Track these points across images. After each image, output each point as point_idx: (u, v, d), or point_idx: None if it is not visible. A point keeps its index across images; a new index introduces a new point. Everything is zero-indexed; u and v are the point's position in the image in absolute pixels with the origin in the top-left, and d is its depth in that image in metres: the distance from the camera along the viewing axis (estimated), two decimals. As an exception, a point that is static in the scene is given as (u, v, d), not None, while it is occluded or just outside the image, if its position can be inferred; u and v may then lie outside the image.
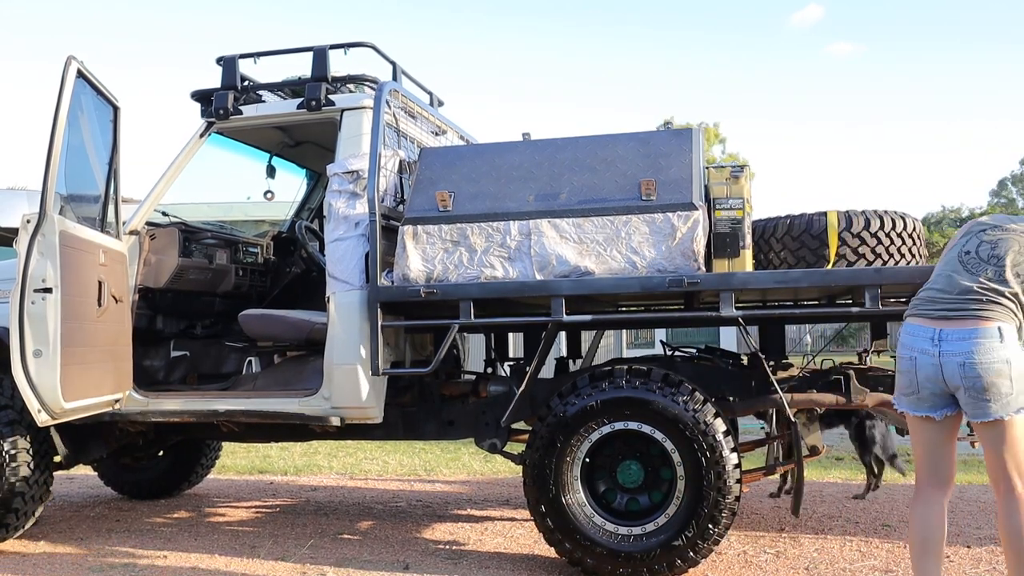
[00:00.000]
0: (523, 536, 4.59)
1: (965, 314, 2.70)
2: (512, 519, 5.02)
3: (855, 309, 3.76)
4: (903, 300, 4.17)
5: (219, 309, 5.23)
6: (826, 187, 70.37)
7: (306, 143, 5.31)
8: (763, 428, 4.96)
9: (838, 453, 7.20)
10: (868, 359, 4.43)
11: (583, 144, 3.97)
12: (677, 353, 4.44)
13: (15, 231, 3.92)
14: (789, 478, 5.14)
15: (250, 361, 4.85)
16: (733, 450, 3.63)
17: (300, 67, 4.74)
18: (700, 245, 3.61)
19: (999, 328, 2.66)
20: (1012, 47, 69.22)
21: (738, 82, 67.40)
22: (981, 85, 72.67)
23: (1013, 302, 2.71)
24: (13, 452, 4.21)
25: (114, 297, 4.19)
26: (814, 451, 4.04)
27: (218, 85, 4.43)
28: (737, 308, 3.64)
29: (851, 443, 5.17)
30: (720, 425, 3.63)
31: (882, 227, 3.77)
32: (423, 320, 4.07)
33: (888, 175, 74.08)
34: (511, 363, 4.99)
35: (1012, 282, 2.72)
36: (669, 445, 3.65)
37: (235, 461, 7.44)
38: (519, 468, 3.97)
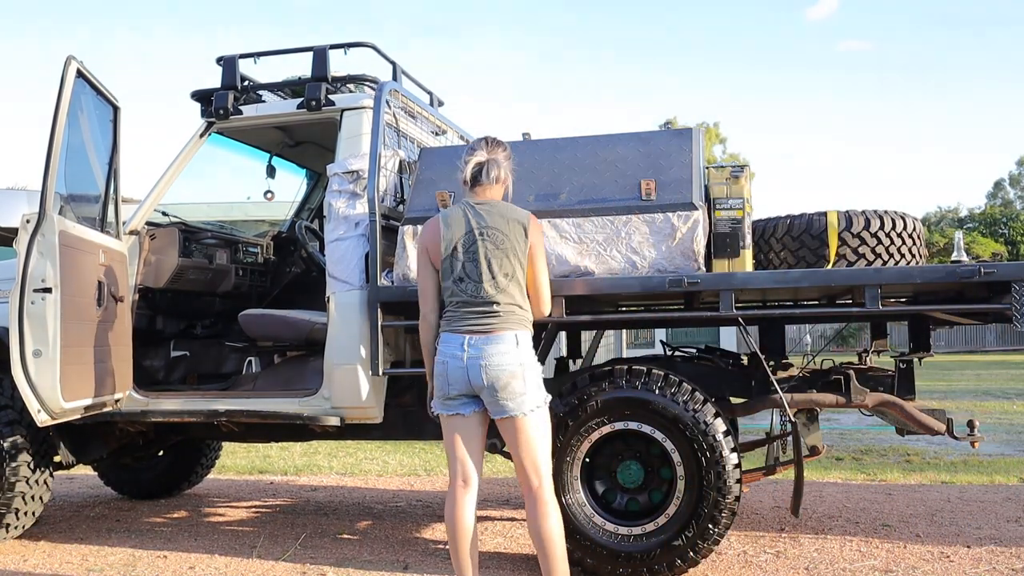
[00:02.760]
0: (523, 536, 4.59)
1: (488, 326, 3.00)
2: (512, 519, 5.03)
3: (855, 309, 3.77)
4: (903, 300, 4.19)
5: (219, 309, 5.23)
6: (826, 187, 70.42)
7: (306, 143, 5.31)
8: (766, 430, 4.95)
9: (838, 453, 7.20)
10: (868, 359, 4.43)
11: (583, 144, 3.97)
12: (677, 353, 4.44)
13: (15, 231, 3.92)
14: None
15: (250, 361, 4.86)
16: (733, 450, 3.64)
17: (300, 67, 4.74)
18: (700, 245, 3.61)
19: (516, 335, 3.00)
20: (1012, 47, 69.27)
21: (740, 80, 67.47)
22: (981, 85, 72.73)
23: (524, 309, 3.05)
24: (13, 452, 4.21)
25: (114, 297, 4.19)
26: (814, 451, 4.04)
27: (218, 85, 4.43)
28: (737, 308, 3.64)
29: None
30: (720, 425, 3.63)
31: (882, 227, 3.77)
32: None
33: (888, 175, 74.14)
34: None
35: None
36: (669, 445, 3.66)
37: (235, 461, 7.44)
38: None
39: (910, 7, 69.63)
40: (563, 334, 5.13)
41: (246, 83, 4.48)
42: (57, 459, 4.51)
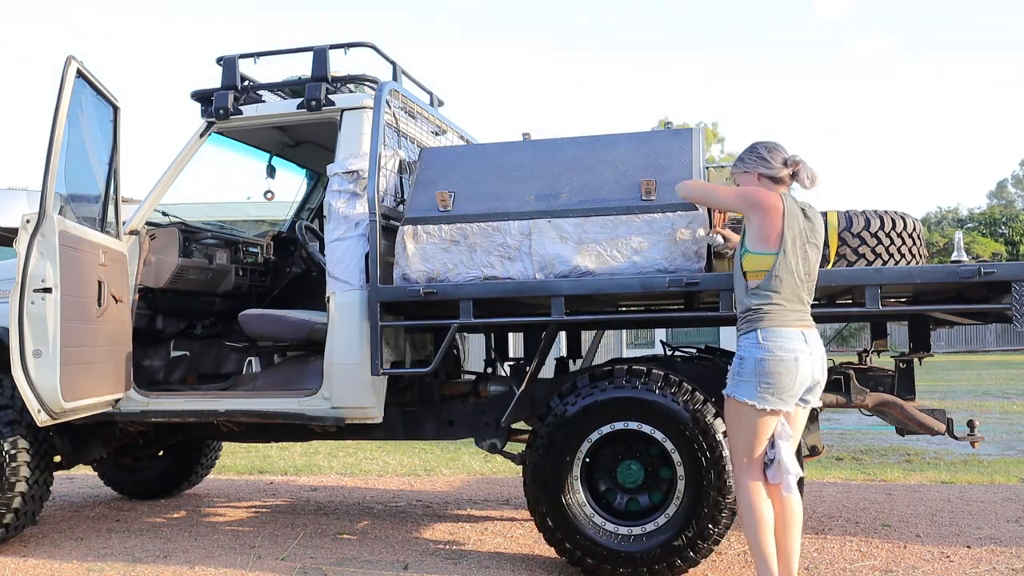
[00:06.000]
0: (523, 536, 4.59)
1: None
2: (512, 519, 5.03)
3: (855, 309, 3.77)
4: (903, 300, 4.18)
5: (219, 309, 5.23)
6: (826, 187, 70.37)
7: (306, 143, 5.31)
8: None
9: (838, 453, 7.20)
10: (868, 359, 4.43)
11: (583, 144, 3.97)
12: (677, 353, 4.44)
13: (15, 231, 3.92)
14: None
15: (250, 361, 4.85)
16: (733, 450, 3.63)
17: (300, 67, 4.74)
18: (700, 245, 3.61)
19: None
20: (1012, 48, 69.29)
21: (738, 80, 67.48)
22: (981, 85, 72.77)
23: None
24: (13, 452, 4.21)
25: (114, 297, 4.19)
26: (814, 451, 4.03)
27: (218, 85, 4.43)
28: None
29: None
30: (720, 425, 3.63)
31: (882, 227, 3.77)
32: (423, 320, 4.07)
33: (888, 175, 74.12)
34: (511, 363, 4.99)
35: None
36: (669, 445, 3.66)
37: (235, 461, 7.44)
38: (519, 468, 3.97)
39: (919, 6, 69.67)
40: (563, 334, 5.13)
41: (246, 83, 4.48)
42: (57, 459, 4.50)
